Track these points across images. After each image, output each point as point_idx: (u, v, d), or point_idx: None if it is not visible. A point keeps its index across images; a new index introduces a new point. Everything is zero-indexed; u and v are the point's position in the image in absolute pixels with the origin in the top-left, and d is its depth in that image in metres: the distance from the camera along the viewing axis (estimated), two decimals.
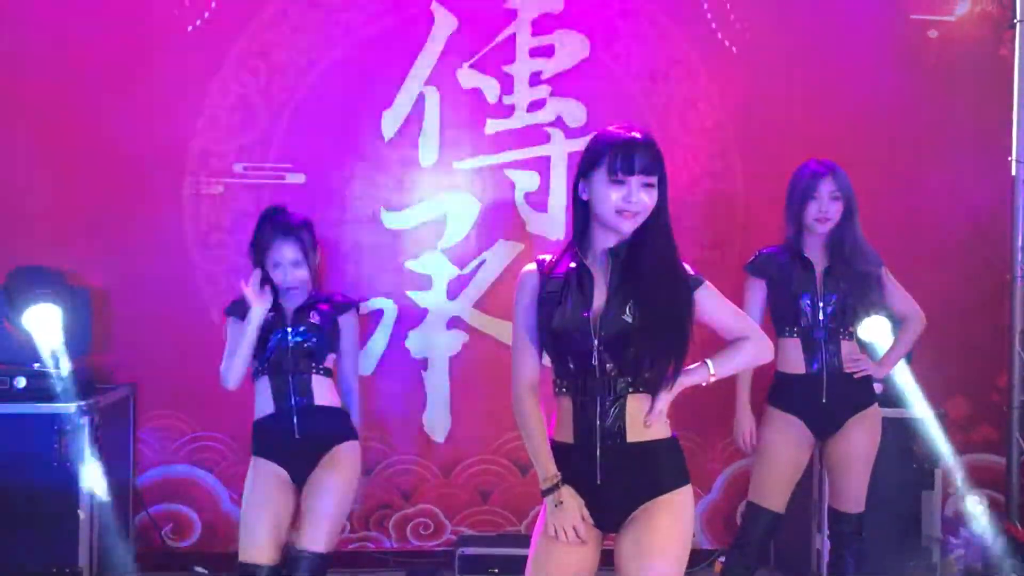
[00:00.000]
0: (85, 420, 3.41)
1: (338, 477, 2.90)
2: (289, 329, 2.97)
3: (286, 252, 2.93)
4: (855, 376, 3.07)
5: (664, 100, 3.97)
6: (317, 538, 2.83)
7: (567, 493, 2.10)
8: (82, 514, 3.40)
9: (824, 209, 3.02)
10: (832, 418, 3.07)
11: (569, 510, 2.09)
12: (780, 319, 3.12)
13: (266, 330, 2.95)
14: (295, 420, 2.92)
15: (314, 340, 2.97)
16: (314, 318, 2.99)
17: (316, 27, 3.91)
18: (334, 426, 2.98)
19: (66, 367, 3.49)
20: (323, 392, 2.98)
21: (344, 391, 3.08)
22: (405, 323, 3.96)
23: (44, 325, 3.52)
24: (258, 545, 2.80)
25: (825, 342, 3.05)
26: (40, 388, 3.46)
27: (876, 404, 3.13)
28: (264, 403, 2.96)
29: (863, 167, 3.98)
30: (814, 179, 3.04)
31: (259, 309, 2.91)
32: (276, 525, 2.84)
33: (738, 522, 4.03)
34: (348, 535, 3.97)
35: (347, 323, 3.08)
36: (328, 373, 3.02)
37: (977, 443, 4.14)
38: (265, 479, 2.88)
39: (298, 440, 2.91)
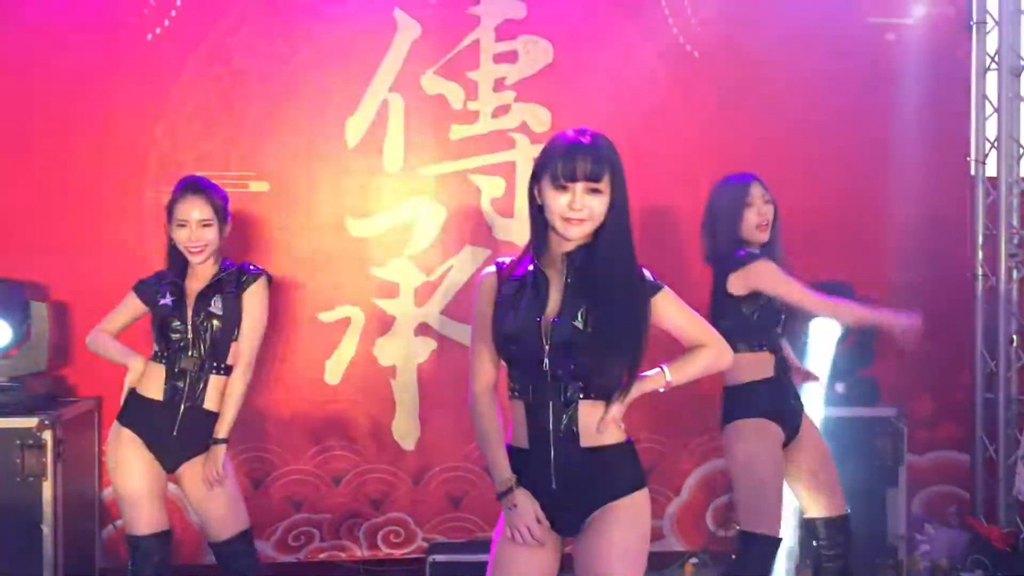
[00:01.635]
0: (47, 434, 3.36)
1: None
2: (189, 318, 2.89)
3: (193, 209, 2.85)
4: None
5: (628, 105, 3.98)
6: (228, 529, 2.94)
7: (521, 495, 2.10)
8: (46, 529, 3.36)
9: (762, 212, 2.97)
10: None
11: (523, 512, 2.10)
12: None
13: (166, 315, 2.90)
14: (179, 419, 2.88)
15: (216, 331, 2.90)
16: (216, 306, 2.91)
17: (278, 34, 3.89)
18: (210, 432, 2.92)
19: (26, 381, 3.44)
20: (215, 396, 2.92)
21: (235, 367, 2.95)
22: (372, 331, 3.95)
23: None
24: (148, 516, 2.86)
25: None
26: (1, 402, 3.42)
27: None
28: (154, 388, 2.89)
29: (823, 170, 4.06)
30: (744, 186, 3.00)
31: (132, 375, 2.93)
32: (159, 496, 2.92)
33: (708, 524, 4.07)
34: (319, 544, 3.95)
35: (251, 298, 2.95)
36: (228, 371, 2.94)
37: (942, 440, 4.20)
38: (136, 453, 2.87)
39: (175, 436, 2.88)
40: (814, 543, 3.07)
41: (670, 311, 2.16)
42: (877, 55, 4.13)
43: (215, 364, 2.92)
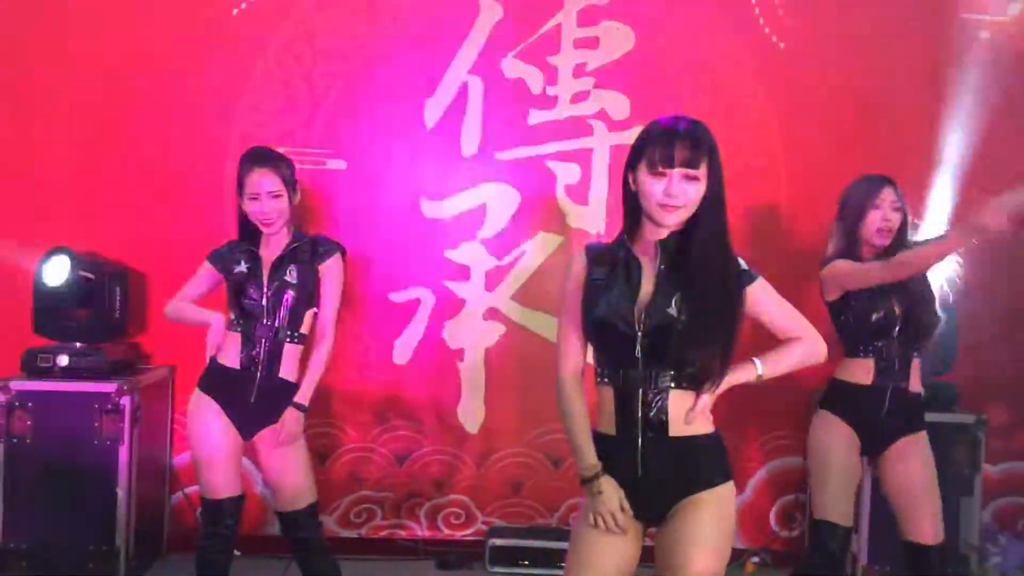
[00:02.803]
0: (126, 400, 3.44)
1: (294, 446, 2.94)
2: (265, 286, 2.91)
3: (264, 180, 2.86)
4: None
5: (709, 95, 3.93)
6: (297, 501, 2.98)
7: (606, 482, 2.09)
8: (120, 492, 3.43)
9: (888, 218, 2.92)
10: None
11: (608, 499, 2.08)
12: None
13: (242, 283, 2.92)
14: (255, 386, 2.90)
15: (291, 299, 2.91)
16: (291, 275, 2.92)
17: (361, 13, 3.91)
18: (287, 401, 2.94)
19: (105, 347, 3.52)
20: (290, 365, 2.94)
21: (317, 337, 2.99)
22: (442, 313, 3.96)
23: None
24: (225, 481, 2.90)
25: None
26: (82, 367, 3.50)
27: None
28: (231, 355, 2.92)
29: (908, 167, 3.95)
30: (875, 186, 2.95)
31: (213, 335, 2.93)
32: (237, 461, 2.96)
33: (772, 524, 4.02)
34: (380, 521, 3.99)
35: (328, 271, 2.97)
36: (302, 339, 2.96)
37: (1017, 450, 4.08)
38: (214, 419, 2.90)
39: (252, 403, 2.91)
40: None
41: (765, 301, 2.14)
42: (968, 51, 4.00)
43: (290, 332, 2.94)
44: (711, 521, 2.07)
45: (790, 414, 3.88)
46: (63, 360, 3.50)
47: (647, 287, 2.08)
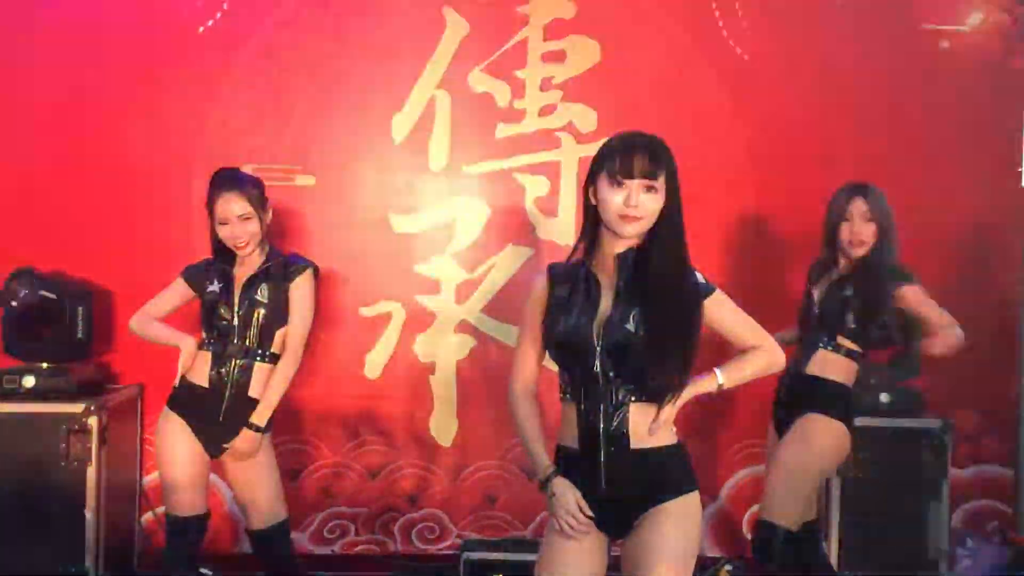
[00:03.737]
0: (93, 420, 3.41)
1: (262, 464, 2.97)
2: (236, 305, 2.92)
3: (233, 206, 2.87)
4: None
5: (675, 106, 3.96)
6: (267, 518, 3.00)
7: (560, 483, 2.11)
8: (89, 514, 3.40)
9: (857, 231, 2.98)
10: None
11: (563, 499, 2.10)
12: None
13: (214, 303, 2.93)
14: (224, 405, 2.91)
15: (262, 318, 2.92)
16: (262, 294, 2.93)
17: (327, 29, 3.91)
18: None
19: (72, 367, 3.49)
20: (260, 383, 2.94)
21: (282, 355, 2.98)
22: (413, 327, 3.96)
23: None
24: (189, 499, 2.93)
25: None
26: (48, 388, 3.47)
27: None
28: (201, 375, 2.92)
29: (872, 177, 4.00)
30: (844, 198, 3.01)
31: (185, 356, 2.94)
32: (203, 479, 2.99)
33: (744, 532, 4.04)
34: (354, 537, 3.97)
35: (298, 290, 2.98)
36: (273, 358, 2.96)
37: (985, 454, 4.12)
38: (182, 438, 2.92)
39: (221, 422, 2.91)
40: None
41: (722, 313, 2.16)
42: (930, 62, 4.07)
43: (261, 352, 2.94)
44: (675, 531, 2.08)
45: (763, 422, 3.90)
46: (29, 381, 3.47)
47: (606, 303, 2.10)
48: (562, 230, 3.97)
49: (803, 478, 2.97)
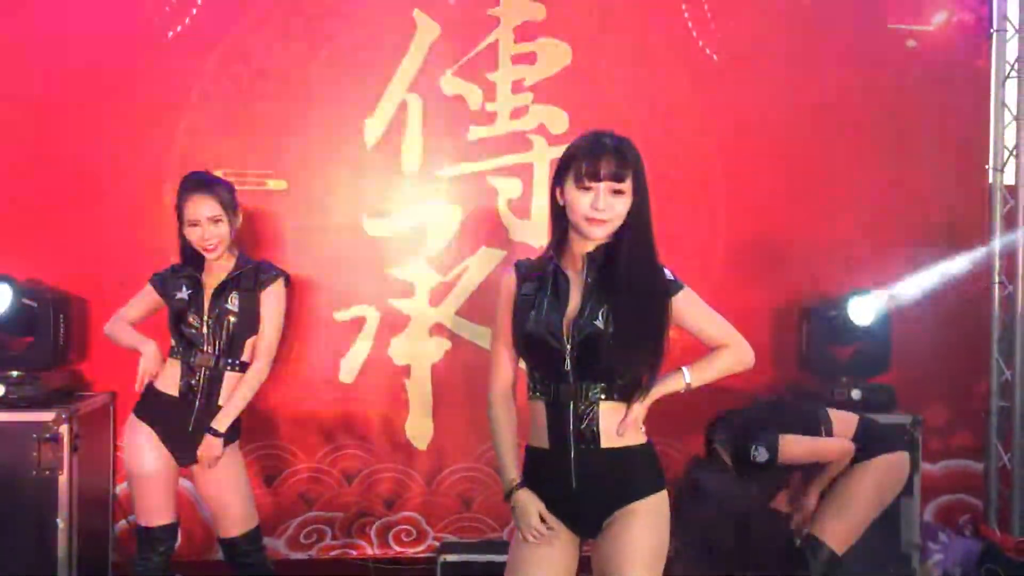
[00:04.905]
0: (64, 428, 3.38)
1: (230, 472, 2.95)
2: (205, 313, 2.90)
3: (203, 207, 2.85)
4: None
5: (646, 107, 3.99)
6: (238, 526, 2.98)
7: (523, 495, 2.12)
8: (61, 523, 3.37)
9: None
10: None
11: (524, 512, 2.11)
12: None
13: (183, 310, 2.91)
14: (194, 414, 2.90)
15: (232, 327, 2.90)
16: (232, 302, 2.91)
17: (297, 33, 3.90)
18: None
19: (43, 376, 3.46)
20: (230, 392, 2.92)
21: (251, 362, 2.97)
22: (387, 330, 3.96)
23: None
24: (158, 508, 2.91)
25: None
26: (19, 396, 3.44)
27: None
28: (170, 383, 2.91)
29: (840, 176, 4.06)
30: None
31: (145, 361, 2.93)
32: (172, 488, 2.97)
33: None
34: (330, 542, 3.96)
35: (268, 298, 2.96)
36: (243, 367, 2.95)
37: (956, 449, 4.17)
38: (150, 446, 2.89)
39: (190, 431, 2.90)
40: None
41: (691, 310, 2.16)
42: (897, 61, 4.11)
43: (230, 360, 2.93)
44: (645, 532, 2.09)
45: None
46: None
47: (575, 301, 2.10)
48: (535, 232, 3.97)
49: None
